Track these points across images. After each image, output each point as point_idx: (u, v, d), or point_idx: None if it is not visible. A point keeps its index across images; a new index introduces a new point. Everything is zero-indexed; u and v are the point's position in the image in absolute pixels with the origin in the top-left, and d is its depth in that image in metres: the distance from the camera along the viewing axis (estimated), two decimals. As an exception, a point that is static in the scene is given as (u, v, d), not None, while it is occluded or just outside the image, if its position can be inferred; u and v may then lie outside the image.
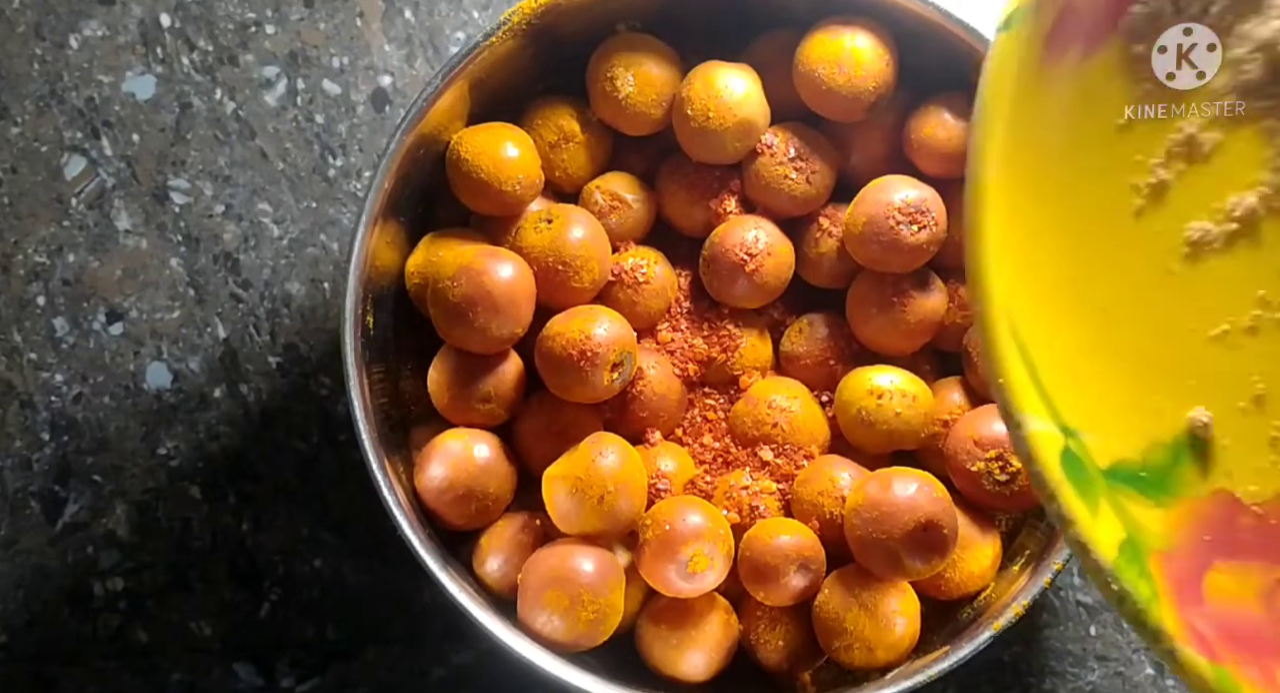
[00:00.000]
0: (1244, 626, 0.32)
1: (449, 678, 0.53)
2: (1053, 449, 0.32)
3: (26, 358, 0.55)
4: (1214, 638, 0.31)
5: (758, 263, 0.46)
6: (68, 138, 0.55)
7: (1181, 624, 0.31)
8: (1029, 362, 0.32)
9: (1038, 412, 0.32)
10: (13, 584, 0.54)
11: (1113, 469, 0.33)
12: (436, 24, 0.56)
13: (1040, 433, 0.32)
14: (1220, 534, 0.33)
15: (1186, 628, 0.31)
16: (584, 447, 0.45)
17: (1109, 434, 0.33)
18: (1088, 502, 0.32)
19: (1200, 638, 0.31)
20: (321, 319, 0.55)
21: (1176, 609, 0.31)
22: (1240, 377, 0.33)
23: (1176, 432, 0.33)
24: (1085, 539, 0.31)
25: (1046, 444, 0.32)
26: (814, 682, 0.47)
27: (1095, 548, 0.31)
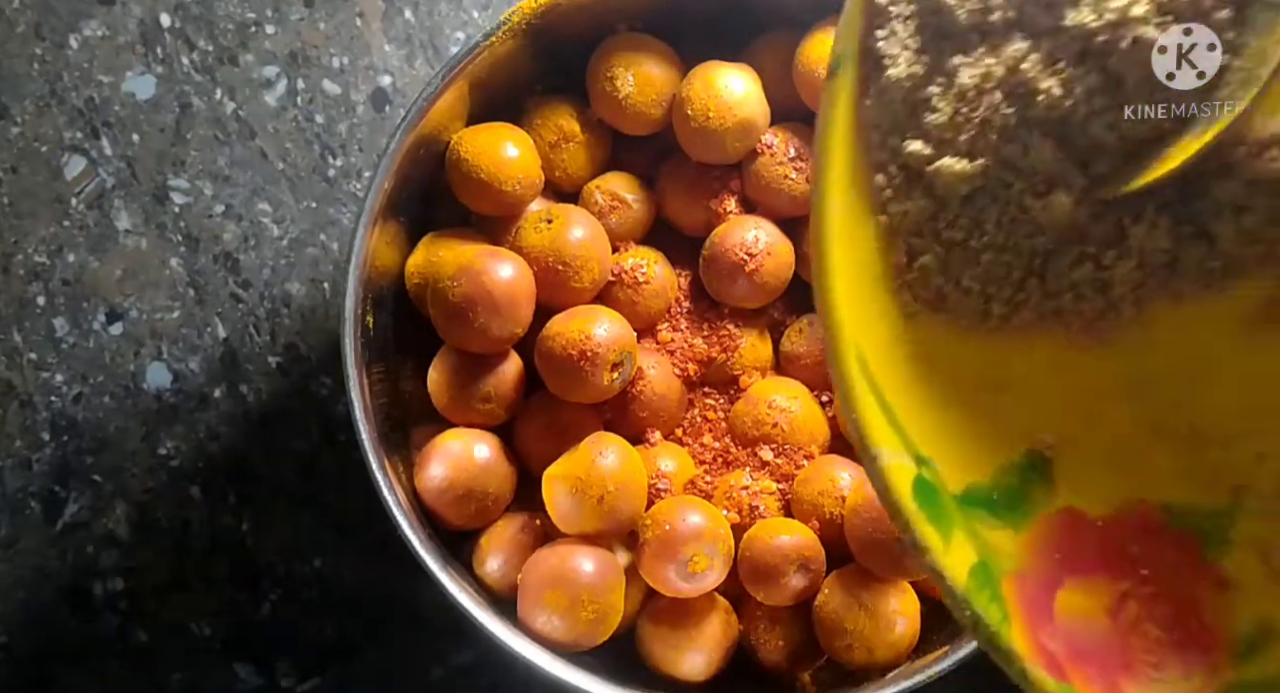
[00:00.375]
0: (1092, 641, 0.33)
1: (449, 678, 0.53)
2: (905, 480, 0.32)
3: (26, 358, 0.55)
4: (1063, 656, 0.32)
5: (758, 263, 0.46)
6: (68, 138, 0.55)
7: (1032, 645, 0.31)
8: (879, 393, 0.33)
9: (890, 443, 0.33)
10: (13, 584, 0.54)
11: (965, 494, 0.33)
12: (436, 24, 0.56)
13: (893, 465, 0.32)
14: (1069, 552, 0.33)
15: (1036, 648, 0.31)
16: (584, 447, 0.45)
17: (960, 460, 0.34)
18: (941, 529, 0.32)
19: (1050, 657, 0.31)
20: (321, 319, 0.55)
21: (1027, 630, 0.32)
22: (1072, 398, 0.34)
23: (1023, 454, 0.34)
24: (938, 567, 0.32)
25: (899, 475, 0.32)
26: (814, 682, 0.47)
27: (948, 575, 0.32)
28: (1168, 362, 0.34)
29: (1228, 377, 0.34)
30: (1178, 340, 0.34)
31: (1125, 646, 0.33)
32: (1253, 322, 0.33)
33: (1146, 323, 0.34)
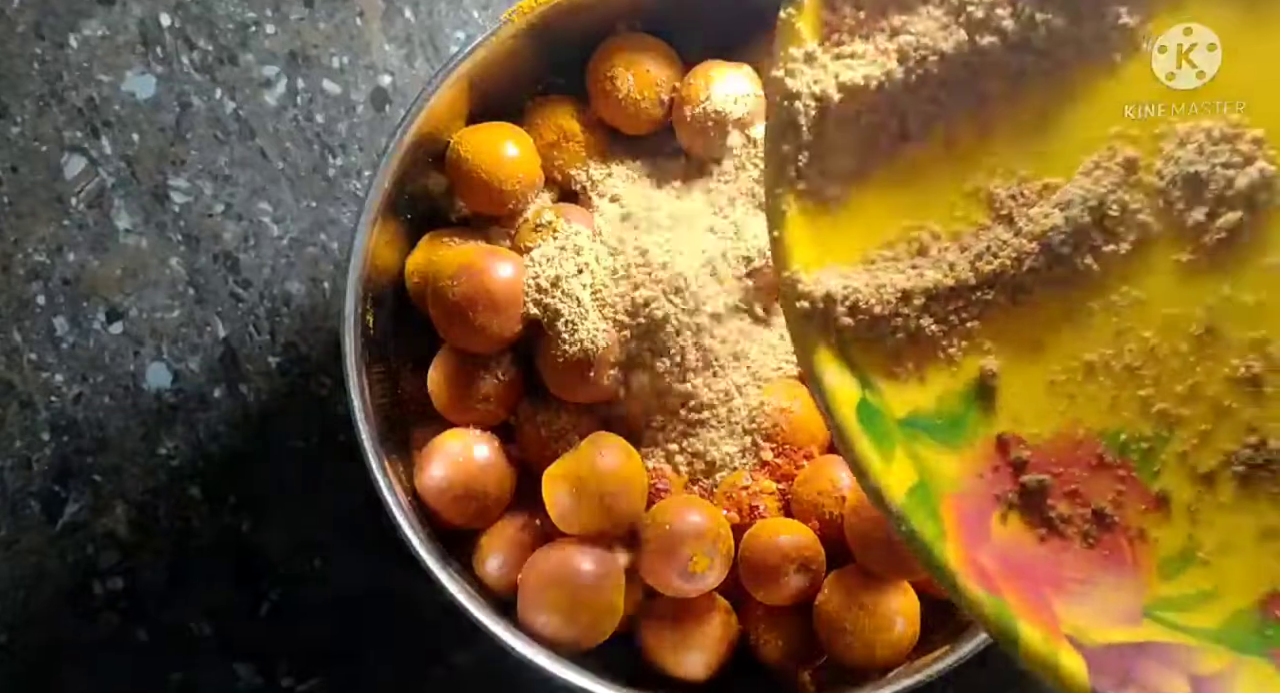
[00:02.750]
0: (1024, 560, 0.34)
1: (449, 678, 0.53)
2: (850, 401, 0.34)
3: (26, 358, 0.55)
4: (995, 571, 0.33)
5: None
6: (68, 137, 0.55)
7: (965, 560, 0.33)
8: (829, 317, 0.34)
9: (836, 366, 0.34)
10: (13, 584, 0.54)
11: (908, 418, 0.35)
12: (436, 23, 0.56)
13: (837, 386, 0.34)
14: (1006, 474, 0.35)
15: (969, 563, 0.33)
16: (584, 447, 0.45)
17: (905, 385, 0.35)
18: (882, 450, 0.34)
19: (982, 572, 0.33)
20: (321, 319, 0.55)
21: (963, 547, 0.33)
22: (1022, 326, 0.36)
23: (968, 380, 0.36)
24: (878, 485, 0.33)
25: (844, 396, 0.34)
26: (814, 682, 0.47)
27: (887, 493, 0.33)
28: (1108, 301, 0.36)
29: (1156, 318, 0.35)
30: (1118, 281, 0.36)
31: (1056, 564, 0.34)
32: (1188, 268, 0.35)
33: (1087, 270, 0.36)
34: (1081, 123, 0.36)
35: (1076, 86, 0.36)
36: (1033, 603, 0.33)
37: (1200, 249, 0.35)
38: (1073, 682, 0.32)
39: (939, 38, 0.35)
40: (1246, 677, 0.32)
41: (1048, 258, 0.35)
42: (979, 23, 0.35)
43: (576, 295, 0.45)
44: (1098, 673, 0.32)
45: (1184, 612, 0.34)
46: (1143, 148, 0.36)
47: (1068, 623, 0.33)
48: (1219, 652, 0.33)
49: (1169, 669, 0.32)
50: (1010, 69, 0.36)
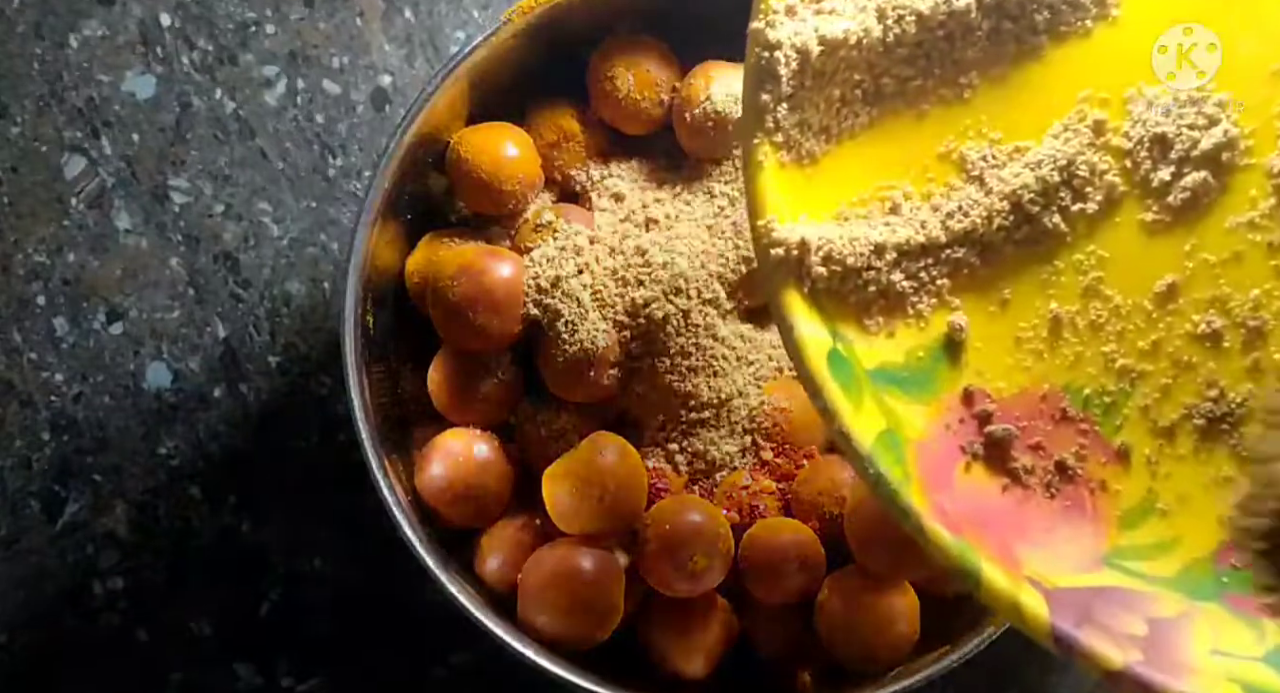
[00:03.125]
0: (988, 508, 0.35)
1: (449, 678, 0.53)
2: (821, 351, 0.34)
3: (26, 357, 0.55)
4: (960, 517, 0.34)
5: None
6: (67, 137, 0.55)
7: (930, 504, 0.33)
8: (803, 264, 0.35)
9: (808, 316, 0.35)
10: (13, 584, 0.54)
11: (877, 371, 0.36)
12: (436, 23, 0.56)
13: (809, 336, 0.34)
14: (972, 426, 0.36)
15: (934, 507, 0.33)
16: (584, 447, 0.45)
17: (875, 339, 0.36)
18: (851, 398, 0.34)
19: (947, 516, 0.33)
20: (321, 319, 0.55)
21: (927, 493, 0.34)
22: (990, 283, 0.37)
23: (936, 336, 0.37)
24: (846, 429, 0.34)
25: (815, 346, 0.34)
26: (814, 682, 0.47)
27: (855, 437, 0.34)
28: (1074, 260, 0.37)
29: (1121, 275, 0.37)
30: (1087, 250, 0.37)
31: (1019, 513, 0.35)
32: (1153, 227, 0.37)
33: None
34: (1053, 86, 0.37)
35: (1048, 50, 0.37)
36: (996, 547, 0.34)
37: (1165, 208, 0.36)
38: (1034, 619, 0.32)
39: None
40: (1202, 621, 0.33)
41: (1017, 216, 0.36)
42: None
43: (576, 295, 0.45)
44: (1058, 611, 0.32)
45: (1143, 561, 0.35)
46: (1111, 110, 0.37)
47: (1029, 568, 0.34)
48: (1176, 598, 0.34)
49: (1128, 612, 0.33)
50: (984, 32, 0.37)
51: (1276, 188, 0.36)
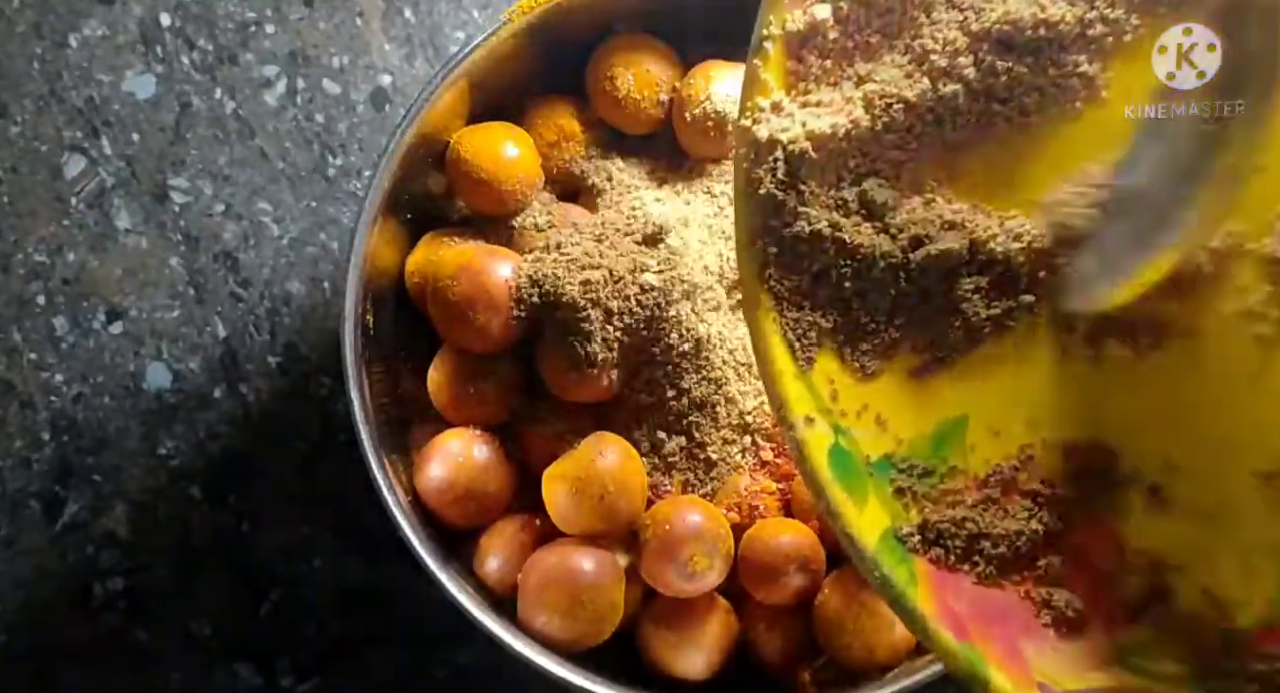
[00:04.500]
0: (995, 603, 0.34)
1: (449, 678, 0.53)
2: (822, 447, 0.34)
3: (26, 357, 0.55)
4: (967, 616, 0.33)
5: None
6: (67, 137, 0.55)
7: (938, 606, 0.33)
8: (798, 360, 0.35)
9: (808, 411, 0.35)
10: (13, 584, 0.54)
11: (881, 461, 0.35)
12: (436, 23, 0.56)
13: (810, 433, 0.34)
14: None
15: (942, 609, 0.33)
16: (584, 447, 0.45)
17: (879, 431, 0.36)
18: (855, 495, 0.34)
19: (954, 617, 0.33)
20: (321, 319, 0.55)
21: (934, 592, 0.33)
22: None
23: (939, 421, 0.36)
24: (849, 530, 0.34)
25: (816, 443, 0.34)
26: (814, 682, 0.47)
27: (859, 538, 0.34)
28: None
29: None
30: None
31: (1024, 607, 0.34)
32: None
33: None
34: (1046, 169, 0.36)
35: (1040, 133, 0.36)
36: (1004, 649, 0.33)
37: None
38: None
39: (904, 86, 0.35)
40: None
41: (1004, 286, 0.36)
42: (941, 71, 0.35)
43: (576, 295, 0.45)
44: None
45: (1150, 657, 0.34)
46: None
47: (1039, 670, 0.33)
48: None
49: None
50: (974, 117, 0.36)
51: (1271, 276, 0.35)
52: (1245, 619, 0.34)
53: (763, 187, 0.35)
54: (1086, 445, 0.36)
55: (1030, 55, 0.35)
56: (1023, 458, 0.36)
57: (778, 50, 0.35)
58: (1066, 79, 0.36)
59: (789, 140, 0.35)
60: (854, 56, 0.36)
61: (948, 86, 0.35)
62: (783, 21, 0.35)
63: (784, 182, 0.35)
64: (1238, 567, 0.34)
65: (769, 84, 0.35)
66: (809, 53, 0.36)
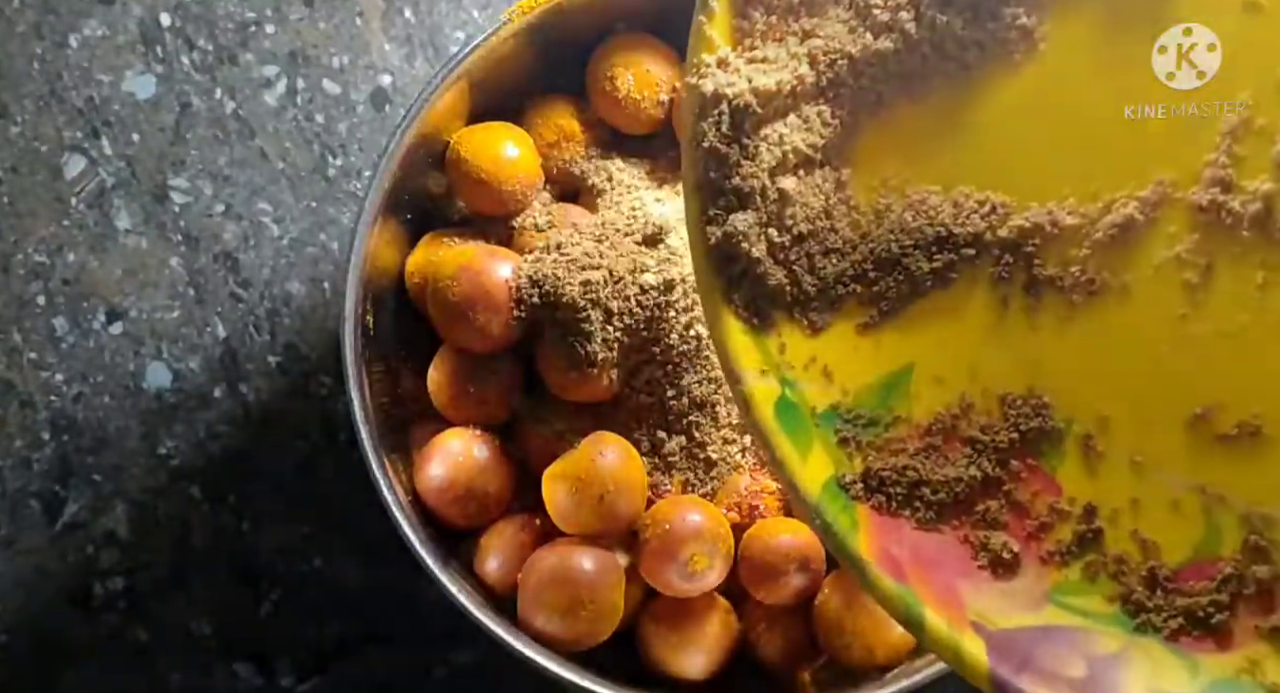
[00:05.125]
0: (934, 548, 0.35)
1: (449, 678, 0.53)
2: (768, 399, 0.35)
3: (26, 357, 0.55)
4: (907, 560, 0.34)
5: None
6: (67, 137, 0.55)
7: (878, 552, 0.34)
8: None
9: (755, 366, 0.36)
10: (13, 584, 0.54)
11: (828, 412, 0.36)
12: (436, 23, 0.56)
13: (757, 387, 0.35)
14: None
15: (881, 555, 0.34)
16: (584, 447, 0.45)
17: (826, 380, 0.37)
18: (799, 445, 0.35)
19: (894, 562, 0.34)
20: (321, 319, 0.55)
21: (874, 538, 0.35)
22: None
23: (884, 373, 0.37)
24: (793, 479, 0.35)
25: (762, 396, 0.35)
26: (814, 682, 0.47)
27: (803, 487, 0.35)
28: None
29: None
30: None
31: (962, 551, 0.35)
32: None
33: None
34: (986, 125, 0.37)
35: (979, 88, 0.37)
36: (940, 591, 0.34)
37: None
38: (975, 666, 0.33)
39: (846, 41, 0.36)
40: (1139, 657, 0.33)
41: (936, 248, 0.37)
42: (883, 25, 0.36)
43: (576, 295, 0.45)
44: (998, 658, 0.33)
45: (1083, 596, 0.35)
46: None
47: (973, 609, 0.34)
48: (1115, 634, 0.34)
49: (1069, 652, 0.33)
50: (914, 71, 0.37)
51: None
52: (1172, 558, 0.35)
53: (706, 139, 0.36)
54: (1023, 396, 0.36)
55: (969, 9, 0.36)
56: (963, 406, 0.37)
57: (723, 7, 0.36)
58: (1005, 32, 0.36)
59: (734, 95, 0.36)
60: (799, 12, 0.37)
61: (888, 42, 0.36)
62: None
63: (728, 135, 0.36)
64: (1167, 510, 0.35)
65: (714, 40, 0.36)
66: (754, 9, 0.37)
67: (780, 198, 0.36)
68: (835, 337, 0.37)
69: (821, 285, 0.37)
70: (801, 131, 0.37)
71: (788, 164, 0.37)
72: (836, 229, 0.37)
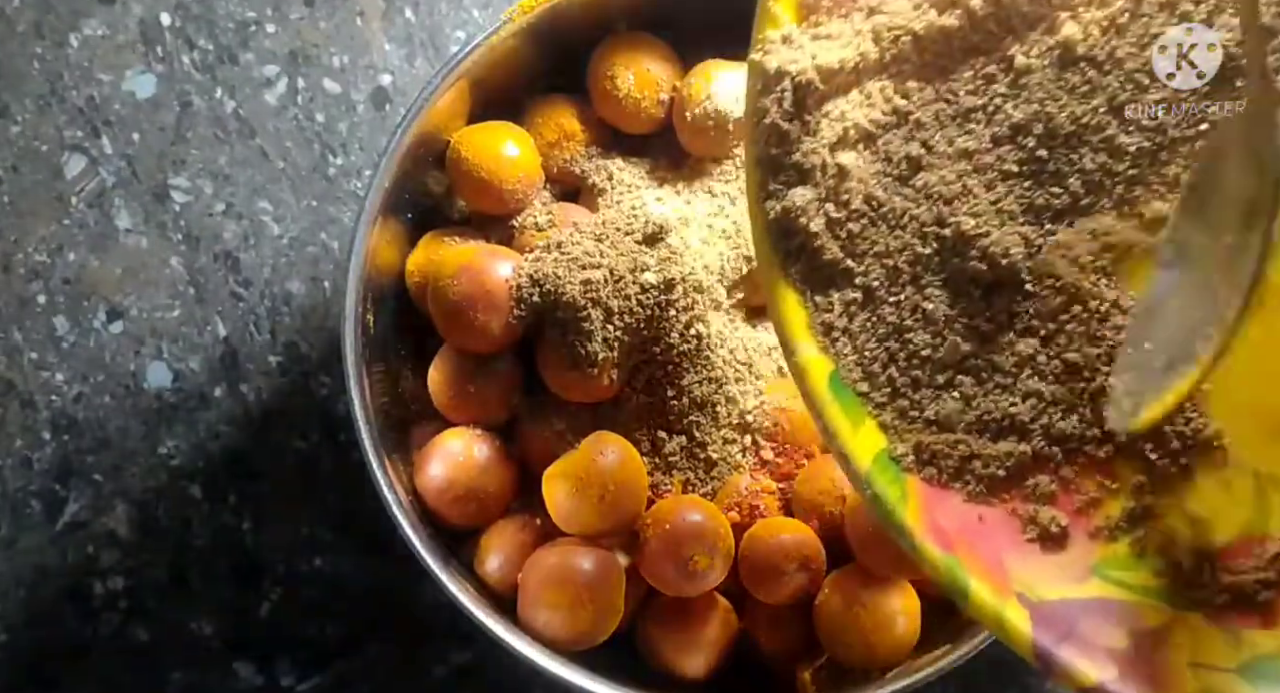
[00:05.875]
0: (982, 520, 0.35)
1: (449, 677, 0.53)
2: (823, 372, 0.35)
3: (27, 357, 0.55)
4: (954, 531, 0.34)
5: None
6: (68, 137, 0.55)
7: (925, 523, 0.34)
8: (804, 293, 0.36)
9: (809, 338, 0.36)
10: (13, 583, 0.54)
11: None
12: (437, 23, 0.56)
13: (811, 358, 0.35)
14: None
15: (929, 526, 0.34)
16: (584, 446, 0.45)
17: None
18: (851, 417, 0.35)
19: (940, 532, 0.34)
20: (321, 318, 0.55)
21: (923, 509, 0.34)
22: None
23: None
24: (844, 448, 0.35)
25: (817, 367, 0.35)
26: (814, 681, 0.47)
27: (853, 456, 0.35)
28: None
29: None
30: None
31: (1010, 523, 0.35)
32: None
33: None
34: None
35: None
36: (986, 561, 0.34)
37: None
38: (1017, 635, 0.33)
39: (911, 18, 0.36)
40: (1181, 632, 0.33)
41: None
42: (947, 2, 0.36)
43: (577, 295, 0.45)
44: (1042, 628, 0.33)
45: (1128, 570, 0.35)
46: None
47: (1019, 580, 0.34)
48: (1159, 607, 0.34)
49: (1112, 624, 0.33)
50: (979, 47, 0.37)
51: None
52: (1220, 537, 0.34)
53: (769, 115, 0.36)
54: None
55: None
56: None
57: None
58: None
59: (797, 72, 0.35)
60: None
61: (952, 18, 0.36)
62: None
63: (790, 112, 0.36)
64: (1219, 489, 0.35)
65: (780, 17, 0.36)
66: None
67: (839, 173, 0.36)
68: None
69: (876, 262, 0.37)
70: (864, 108, 0.37)
71: (848, 140, 0.36)
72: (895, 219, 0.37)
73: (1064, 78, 0.36)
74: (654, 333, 0.46)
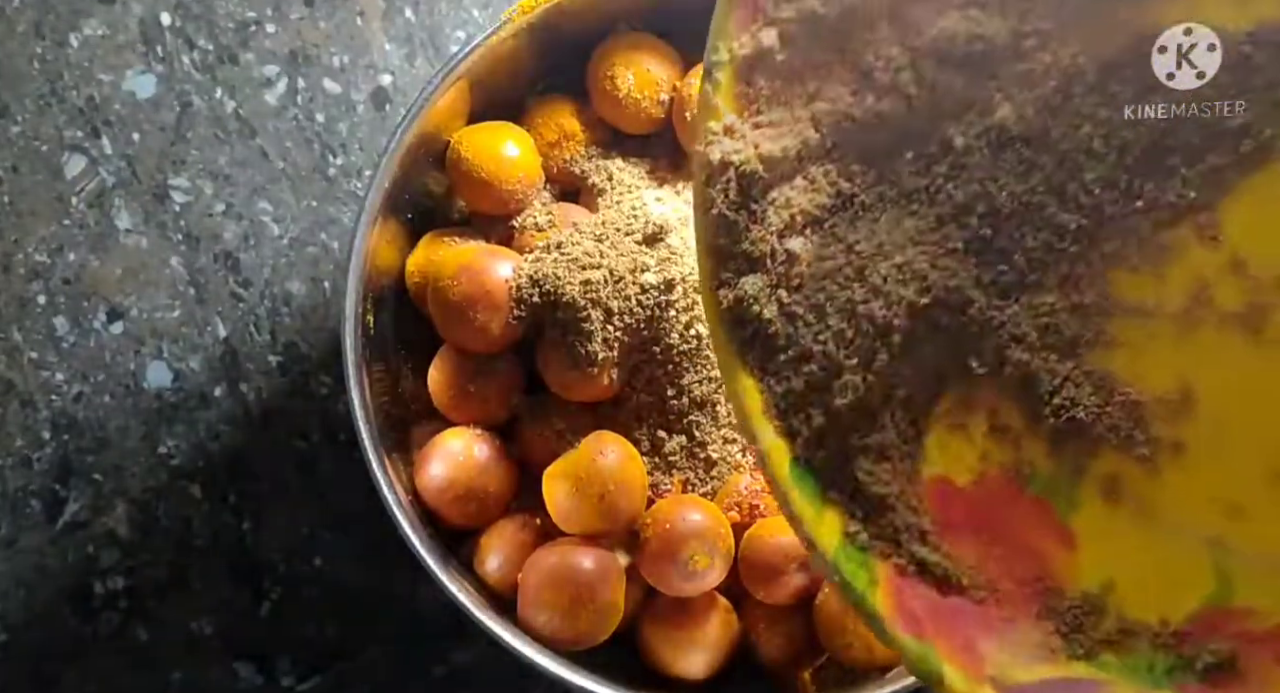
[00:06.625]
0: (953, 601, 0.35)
1: (449, 677, 0.53)
2: (784, 457, 0.35)
3: (27, 357, 0.55)
4: (925, 615, 0.34)
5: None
6: (68, 137, 0.55)
7: (896, 607, 0.34)
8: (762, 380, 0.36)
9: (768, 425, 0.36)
10: (13, 583, 0.54)
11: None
12: (437, 23, 0.56)
13: (773, 444, 0.35)
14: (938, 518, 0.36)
15: (900, 610, 0.34)
16: (584, 446, 0.45)
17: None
18: (814, 504, 0.35)
19: (912, 617, 0.34)
20: (321, 318, 0.55)
21: (893, 593, 0.34)
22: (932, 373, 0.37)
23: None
24: (810, 537, 0.35)
25: (778, 453, 0.35)
26: (814, 681, 0.47)
27: (819, 544, 0.35)
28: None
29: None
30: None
31: (982, 604, 0.35)
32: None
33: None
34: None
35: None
36: (959, 645, 0.34)
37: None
38: None
39: (850, 104, 0.36)
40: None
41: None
42: (885, 87, 0.36)
43: (576, 295, 0.45)
44: None
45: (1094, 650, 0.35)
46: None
47: (992, 662, 0.34)
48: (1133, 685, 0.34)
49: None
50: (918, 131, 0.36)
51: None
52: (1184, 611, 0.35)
53: (715, 206, 0.36)
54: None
55: (969, 67, 0.36)
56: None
57: (728, 76, 0.36)
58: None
59: (740, 162, 0.36)
60: (804, 75, 0.37)
61: (889, 103, 0.36)
62: (730, 48, 0.36)
63: (735, 202, 0.36)
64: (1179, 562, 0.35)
65: (720, 108, 0.36)
66: (759, 75, 0.36)
67: (789, 259, 0.36)
68: None
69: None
70: (809, 193, 0.36)
71: (795, 225, 0.36)
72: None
73: (1001, 158, 0.36)
74: (654, 333, 0.46)
